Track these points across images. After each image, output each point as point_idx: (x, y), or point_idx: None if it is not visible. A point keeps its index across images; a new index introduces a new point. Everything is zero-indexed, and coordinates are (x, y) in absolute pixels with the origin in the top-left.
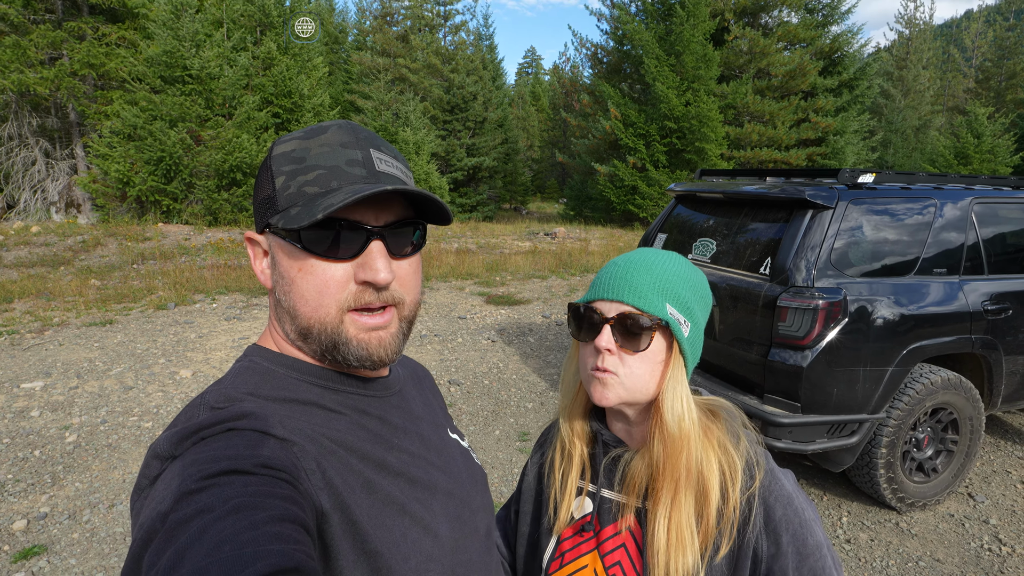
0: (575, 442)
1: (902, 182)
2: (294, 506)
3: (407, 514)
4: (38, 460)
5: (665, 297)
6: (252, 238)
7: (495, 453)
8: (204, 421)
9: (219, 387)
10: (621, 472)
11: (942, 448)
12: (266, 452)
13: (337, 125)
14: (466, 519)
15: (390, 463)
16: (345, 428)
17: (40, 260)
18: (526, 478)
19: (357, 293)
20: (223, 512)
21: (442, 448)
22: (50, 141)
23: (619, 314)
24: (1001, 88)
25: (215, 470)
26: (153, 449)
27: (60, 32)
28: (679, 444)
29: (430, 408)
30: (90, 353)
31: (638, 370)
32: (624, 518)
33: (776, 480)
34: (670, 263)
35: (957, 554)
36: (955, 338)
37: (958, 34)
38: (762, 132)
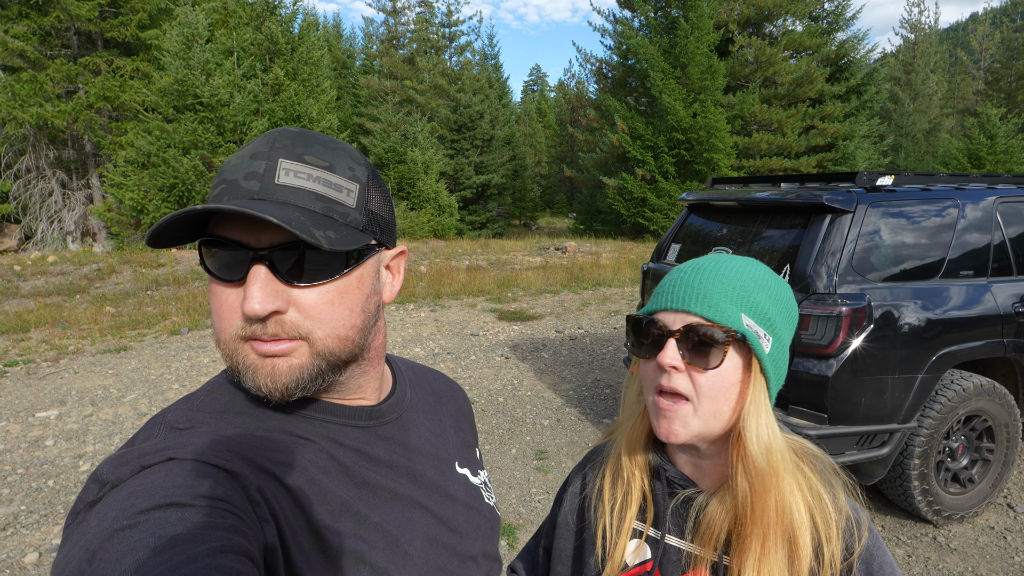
0: (634, 472)
1: (922, 183)
2: (238, 536)
3: (365, 563)
4: (52, 490)
5: (740, 307)
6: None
7: (512, 472)
8: (148, 448)
9: (186, 403)
10: (694, 519)
11: (977, 457)
12: (207, 483)
13: (268, 132)
14: (452, 569)
15: (355, 504)
16: (311, 457)
17: (56, 289)
18: (561, 510)
19: (244, 323)
20: (157, 548)
21: (439, 486)
22: (66, 172)
23: (685, 326)
24: (1012, 89)
25: (149, 504)
26: (96, 470)
27: (76, 66)
28: (768, 481)
29: (439, 439)
30: (104, 380)
31: (711, 392)
32: (696, 571)
33: (879, 547)
34: (747, 268)
35: (1001, 569)
36: (986, 342)
37: (964, 37)
38: (771, 141)
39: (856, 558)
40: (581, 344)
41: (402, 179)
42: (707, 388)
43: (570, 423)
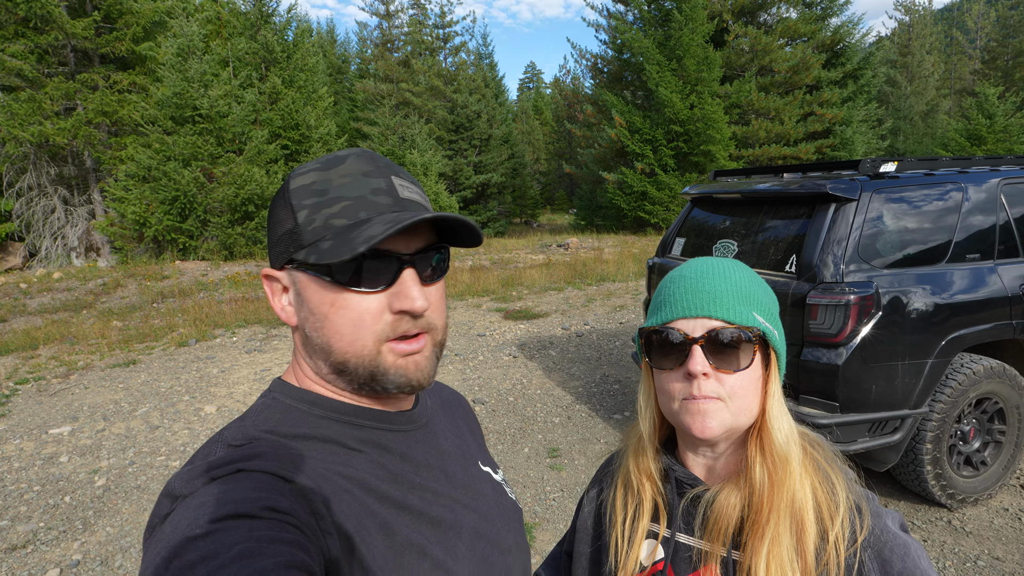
0: (644, 483)
1: (925, 168)
2: (301, 551)
3: (427, 557)
4: (69, 506)
5: (751, 306)
6: (270, 275)
7: (525, 472)
8: (215, 460)
9: (240, 423)
10: (703, 515)
11: (990, 440)
12: (274, 495)
13: (355, 154)
14: (495, 561)
15: (410, 503)
16: (364, 467)
17: (63, 305)
18: (581, 515)
19: (394, 323)
20: (227, 559)
21: (470, 485)
22: (68, 188)
23: (709, 331)
24: (1009, 67)
25: (220, 514)
26: (167, 486)
27: (74, 83)
28: (786, 468)
29: (461, 440)
30: (115, 395)
31: (741, 391)
32: (707, 567)
33: (887, 529)
34: (741, 268)
35: (1017, 551)
36: (995, 324)
37: (959, 17)
38: (769, 128)
39: (860, 544)
40: (588, 340)
41: None
42: (737, 388)
43: (581, 420)
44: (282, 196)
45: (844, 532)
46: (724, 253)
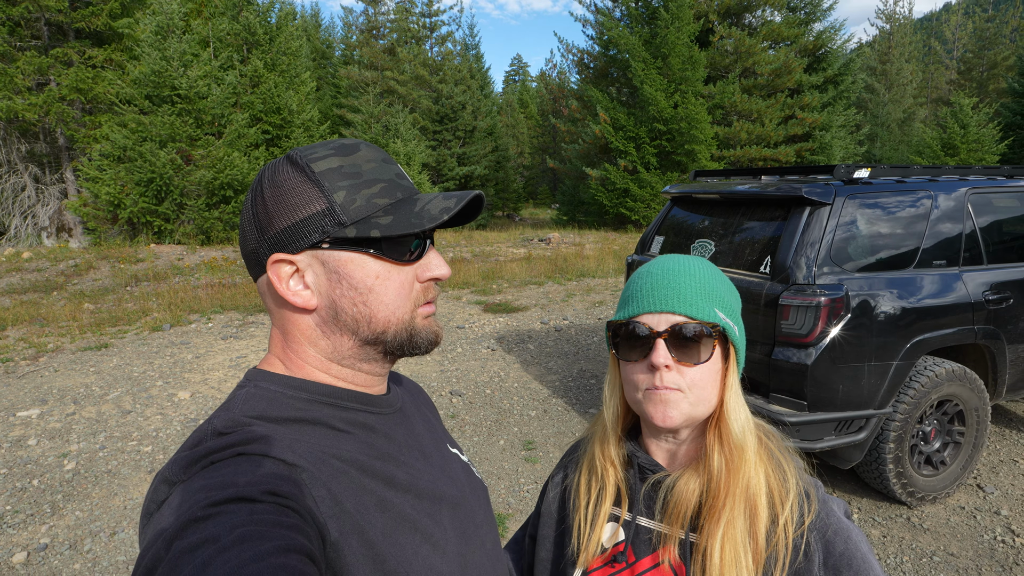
0: (607, 468)
1: (897, 175)
2: (300, 535)
3: (418, 531)
4: (37, 490)
5: (713, 302)
6: (282, 259)
7: (500, 463)
8: (212, 445)
9: (226, 413)
10: (663, 499)
11: (949, 440)
12: (274, 479)
13: (364, 144)
14: (471, 534)
15: (399, 479)
16: (354, 447)
17: (32, 286)
18: (546, 500)
19: (424, 290)
20: (228, 542)
21: (444, 464)
22: (39, 166)
23: (672, 326)
24: (983, 78)
25: (222, 497)
26: (162, 474)
27: (47, 58)
28: (742, 456)
29: (429, 424)
30: (86, 378)
31: (701, 383)
32: (665, 549)
33: (832, 513)
34: (705, 266)
35: (971, 547)
36: (958, 329)
37: (938, 27)
38: (751, 130)
39: (812, 526)
40: (566, 335)
41: None
42: (697, 380)
43: (557, 413)
44: (298, 178)
45: (793, 516)
46: (702, 252)
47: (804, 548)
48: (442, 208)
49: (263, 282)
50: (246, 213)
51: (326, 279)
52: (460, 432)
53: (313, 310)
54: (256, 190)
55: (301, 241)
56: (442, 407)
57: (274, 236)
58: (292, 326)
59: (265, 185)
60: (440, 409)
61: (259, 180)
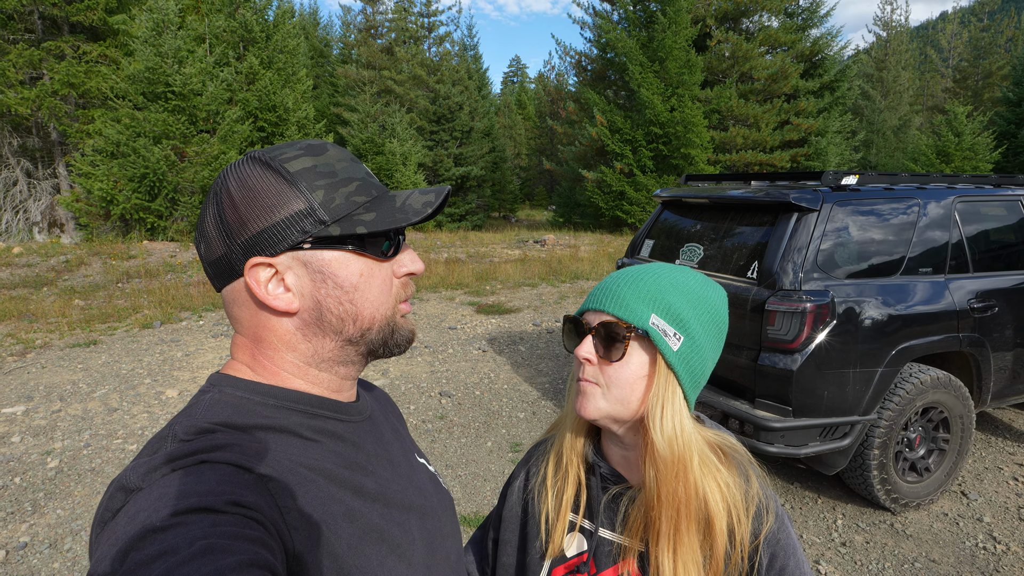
0: (572, 460)
1: (885, 183)
2: (264, 549)
3: (385, 541)
4: (18, 487)
5: (652, 307)
6: (260, 263)
7: (487, 465)
8: (174, 451)
9: (188, 419)
10: (623, 512)
11: (934, 447)
12: (239, 489)
13: (330, 144)
14: (437, 545)
15: (367, 488)
16: (322, 455)
17: (22, 281)
18: (508, 502)
19: (402, 286)
20: (188, 555)
21: (412, 474)
22: (32, 161)
23: (600, 323)
24: (978, 87)
25: (183, 507)
26: (118, 481)
27: (39, 51)
28: (672, 467)
29: (397, 432)
30: (73, 375)
31: (618, 382)
32: (625, 561)
33: (784, 528)
34: (669, 274)
35: (952, 554)
36: (943, 337)
37: (934, 35)
38: (747, 135)
39: (762, 539)
40: (558, 337)
41: (380, 171)
42: (613, 378)
43: (546, 416)
44: (273, 179)
45: (749, 528)
46: (690, 256)
47: (755, 560)
48: (424, 202)
49: (233, 290)
50: (209, 219)
51: (309, 280)
52: (448, 433)
53: (295, 313)
54: (220, 194)
55: (280, 243)
56: (431, 408)
57: (248, 240)
58: (268, 332)
59: (232, 188)
60: (429, 410)
61: (222, 183)
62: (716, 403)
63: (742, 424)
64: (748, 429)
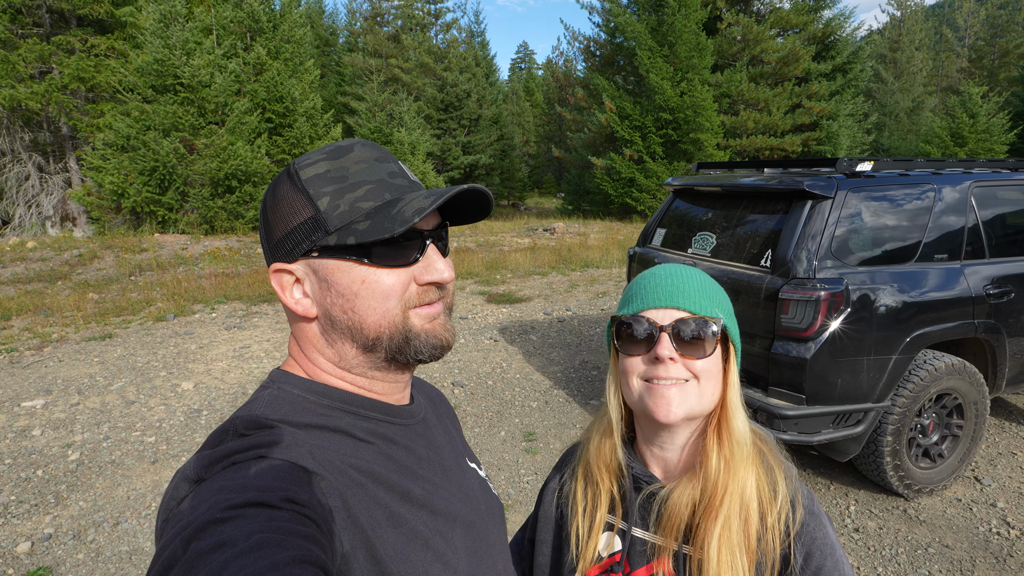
0: (603, 475)
1: (900, 168)
2: (316, 547)
3: (429, 549)
4: (41, 480)
5: (714, 303)
6: (282, 269)
7: (501, 455)
8: (234, 446)
9: (248, 413)
10: (657, 511)
11: (947, 433)
12: (294, 486)
13: (360, 143)
14: (483, 554)
15: (415, 494)
16: (373, 458)
17: (37, 276)
18: (543, 504)
19: (420, 293)
20: (245, 548)
21: (462, 480)
22: (43, 156)
23: (677, 320)
24: (994, 67)
25: (241, 500)
26: (183, 471)
27: (48, 46)
28: (742, 454)
29: (450, 437)
30: (90, 368)
31: (708, 375)
32: (659, 560)
33: (821, 526)
34: (702, 273)
35: (966, 539)
36: (958, 323)
37: (950, 14)
38: (757, 119)
39: (794, 533)
40: (569, 326)
41: None
42: (705, 372)
43: (558, 405)
44: (290, 187)
45: (780, 522)
46: (703, 245)
47: (790, 556)
48: (416, 209)
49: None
50: (260, 222)
51: (318, 287)
52: (462, 423)
53: (314, 318)
54: (263, 202)
55: (296, 250)
56: None
57: (274, 245)
58: (302, 334)
59: (268, 195)
60: None
61: (266, 192)
62: None
63: (755, 412)
64: (761, 417)
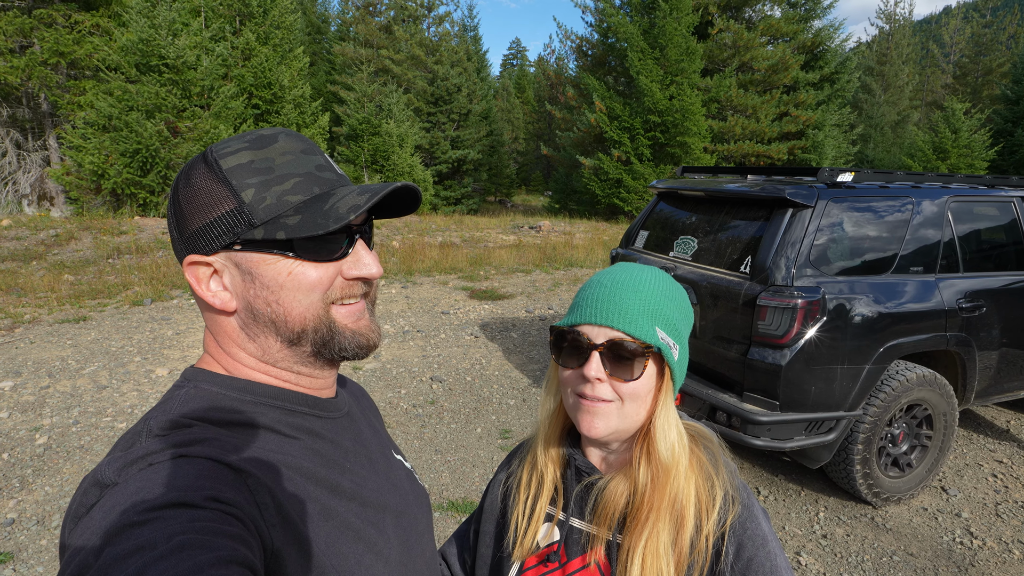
0: (548, 465)
1: (881, 180)
2: (243, 546)
3: (361, 540)
4: (6, 463)
5: (655, 320)
6: (197, 261)
7: (476, 451)
8: (150, 447)
9: (163, 414)
10: (593, 501)
11: (917, 443)
12: (218, 484)
13: (284, 132)
14: (413, 543)
15: (344, 487)
16: (299, 453)
17: (11, 255)
18: (489, 496)
19: (345, 287)
20: (166, 550)
21: (389, 471)
22: (21, 132)
23: (609, 340)
24: (978, 84)
25: (161, 502)
26: (93, 476)
27: (30, 19)
28: (668, 473)
29: (374, 429)
30: (63, 351)
31: (634, 397)
32: (593, 550)
33: (753, 518)
34: (656, 282)
35: (930, 548)
36: (931, 335)
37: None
38: (745, 125)
39: (727, 528)
40: (550, 324)
41: (376, 152)
42: (630, 394)
43: (535, 403)
44: (208, 176)
45: (716, 523)
46: (684, 249)
47: (722, 549)
48: (351, 206)
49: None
50: (168, 213)
51: (241, 280)
52: (439, 418)
53: (233, 312)
54: (175, 189)
55: (215, 242)
56: (422, 392)
57: (190, 237)
58: (220, 328)
59: (181, 184)
60: (420, 395)
61: (177, 179)
62: (704, 395)
63: (729, 417)
64: (735, 422)
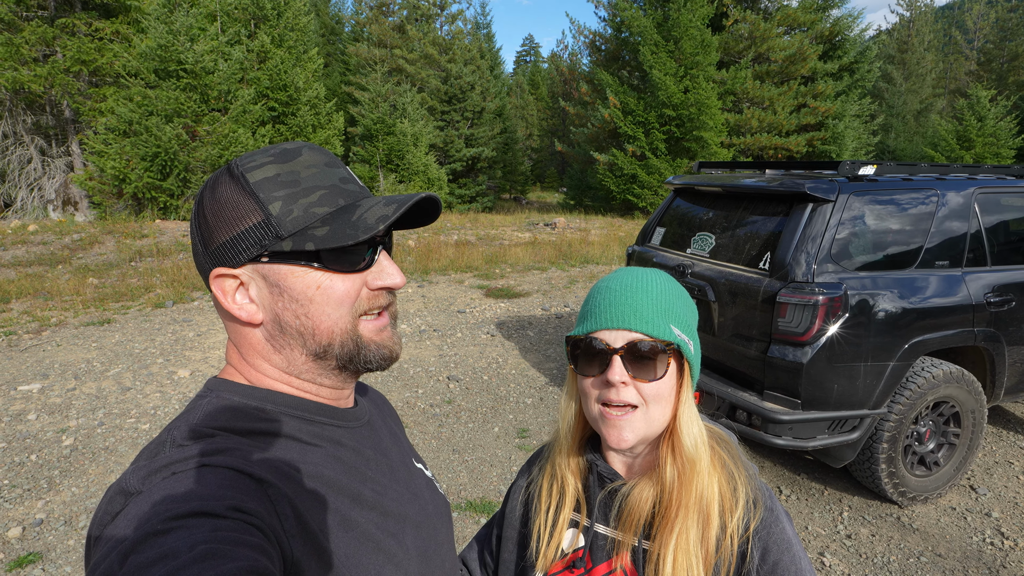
0: (567, 476)
1: (904, 173)
2: (263, 557)
3: (381, 551)
4: (34, 465)
5: (668, 318)
6: (224, 274)
7: (494, 451)
8: (174, 456)
9: (186, 423)
10: (618, 507)
11: (944, 441)
12: (240, 494)
13: (307, 146)
14: (432, 553)
15: (365, 496)
16: (321, 461)
17: (37, 259)
18: (511, 501)
19: (371, 298)
20: (188, 559)
21: (410, 480)
22: (45, 139)
23: (628, 343)
24: (1003, 70)
25: (184, 511)
26: (117, 484)
27: (52, 28)
28: (694, 469)
29: (395, 438)
30: (88, 353)
31: (658, 398)
32: (619, 556)
33: (778, 522)
34: (662, 282)
35: (959, 548)
36: (957, 331)
37: (960, 16)
38: (762, 118)
39: (752, 531)
40: (567, 322)
41: (391, 151)
42: (654, 396)
43: (553, 402)
44: (235, 190)
45: (740, 524)
46: (702, 246)
47: (748, 553)
48: (379, 216)
49: (214, 296)
50: (192, 226)
51: (268, 292)
52: (456, 418)
53: (259, 324)
54: (199, 202)
55: (242, 255)
56: (439, 392)
57: (216, 250)
58: (244, 340)
59: (206, 197)
60: (437, 394)
61: (202, 192)
62: (724, 394)
63: (750, 416)
64: (756, 421)
